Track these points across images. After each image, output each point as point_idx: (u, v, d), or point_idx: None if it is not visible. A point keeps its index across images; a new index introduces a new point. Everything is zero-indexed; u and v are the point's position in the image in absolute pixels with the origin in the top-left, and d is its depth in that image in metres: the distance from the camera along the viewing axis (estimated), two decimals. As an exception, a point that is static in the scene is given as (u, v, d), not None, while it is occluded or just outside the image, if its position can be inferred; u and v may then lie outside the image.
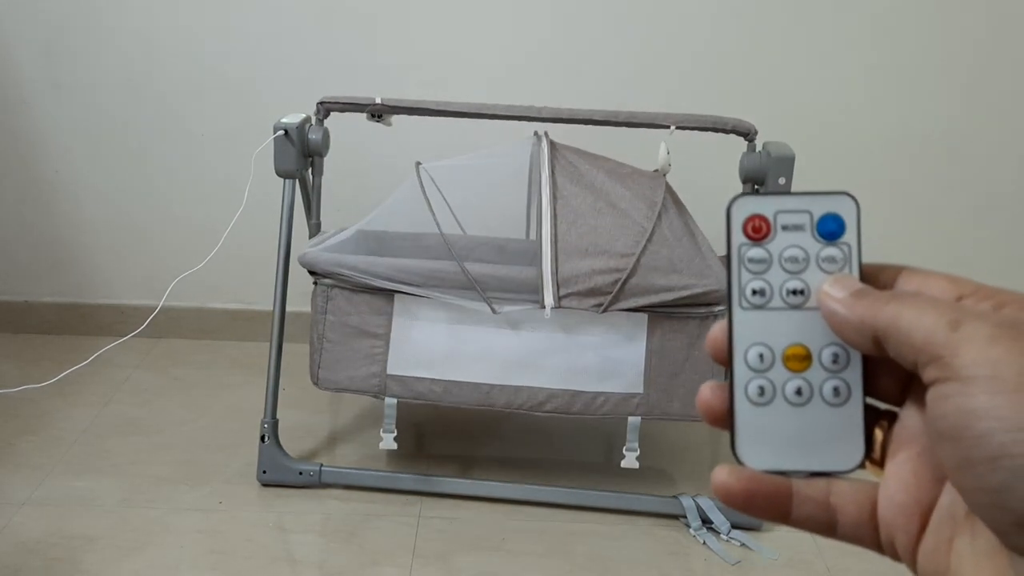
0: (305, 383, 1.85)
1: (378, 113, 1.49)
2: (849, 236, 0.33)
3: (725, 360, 0.34)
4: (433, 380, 1.41)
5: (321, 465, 1.51)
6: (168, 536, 1.39)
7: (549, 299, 1.32)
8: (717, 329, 0.34)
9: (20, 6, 1.80)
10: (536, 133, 1.49)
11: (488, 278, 1.35)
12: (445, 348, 1.40)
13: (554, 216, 1.35)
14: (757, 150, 1.48)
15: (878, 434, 0.33)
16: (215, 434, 1.66)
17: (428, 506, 1.49)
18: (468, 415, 1.67)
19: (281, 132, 1.45)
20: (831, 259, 0.33)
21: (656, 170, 1.49)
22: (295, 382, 1.82)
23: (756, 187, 1.51)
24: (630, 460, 1.44)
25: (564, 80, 1.84)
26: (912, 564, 0.31)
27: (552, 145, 1.46)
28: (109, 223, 1.97)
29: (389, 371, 1.41)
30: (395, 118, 1.53)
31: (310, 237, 1.68)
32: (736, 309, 0.34)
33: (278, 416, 1.52)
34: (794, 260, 0.33)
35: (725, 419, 0.34)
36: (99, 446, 1.61)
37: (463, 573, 1.35)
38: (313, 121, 1.51)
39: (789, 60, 1.84)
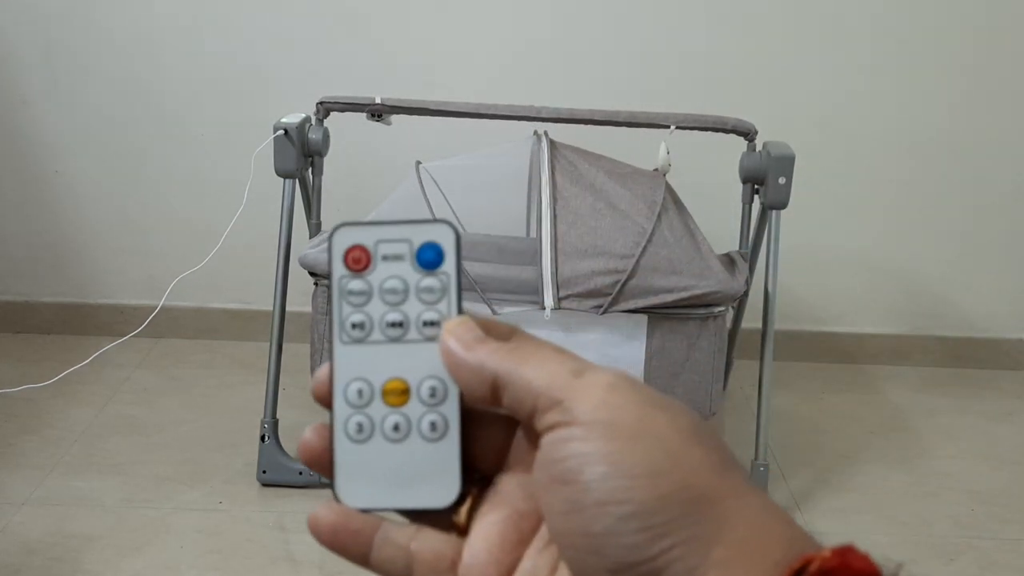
0: (305, 383, 1.84)
1: (378, 112, 1.49)
2: (448, 266, 0.33)
3: (328, 401, 0.33)
4: None
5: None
6: (168, 536, 1.38)
7: (549, 300, 1.33)
8: (322, 371, 0.33)
9: (20, 6, 1.80)
10: (536, 132, 1.49)
11: (488, 279, 1.35)
12: None
13: (554, 217, 1.34)
14: (757, 150, 1.48)
15: (468, 501, 0.33)
16: (215, 434, 1.66)
17: (428, 506, 1.48)
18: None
19: (281, 132, 1.45)
20: (430, 289, 0.33)
21: (656, 169, 1.49)
22: (295, 382, 1.81)
23: (756, 187, 1.51)
24: None
25: (564, 79, 1.84)
26: None
27: (552, 144, 1.45)
28: (109, 223, 1.97)
29: None
30: (395, 117, 1.53)
31: (310, 237, 1.68)
32: (337, 344, 0.33)
33: (278, 416, 1.51)
34: (394, 291, 0.33)
35: (324, 459, 0.33)
36: (99, 446, 1.61)
37: (463, 573, 1.35)
38: (313, 121, 1.51)
39: (789, 59, 1.84)
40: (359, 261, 0.33)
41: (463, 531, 0.32)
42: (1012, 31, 1.82)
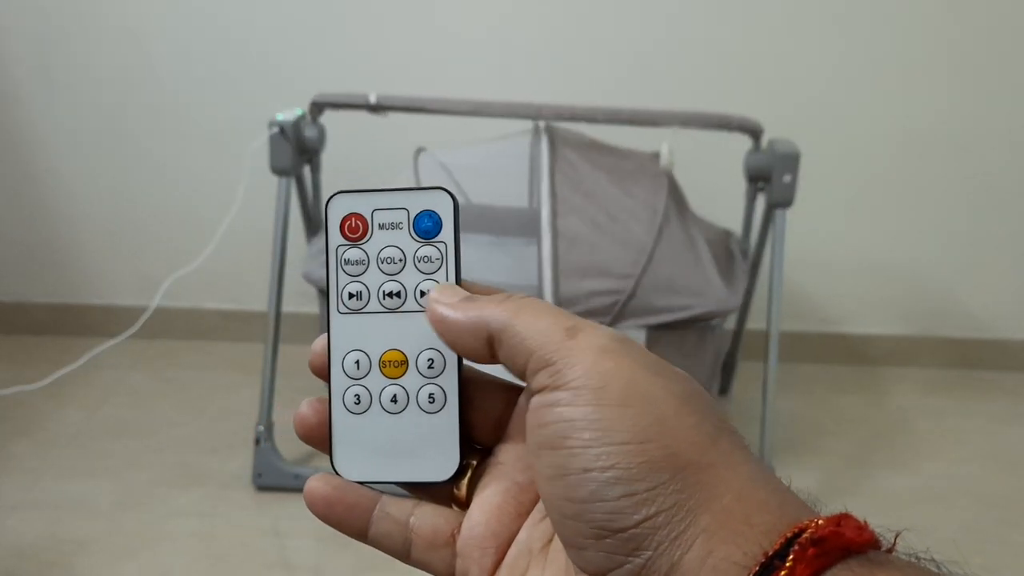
0: (301, 385, 1.82)
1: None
2: (446, 234, 0.32)
3: (325, 374, 0.33)
4: None
5: (317, 469, 1.48)
6: (162, 540, 1.37)
7: None
8: (319, 342, 0.33)
9: (12, 2, 1.78)
10: (536, 126, 1.46)
11: None
12: None
13: (554, 236, 1.35)
14: (762, 147, 1.46)
15: (468, 471, 0.32)
16: (209, 437, 1.64)
17: (427, 510, 1.46)
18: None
19: (276, 129, 1.43)
20: (427, 259, 0.32)
21: (656, 153, 1.48)
22: (291, 384, 1.79)
23: (761, 185, 1.49)
24: None
25: (566, 76, 1.82)
26: None
27: (552, 144, 1.43)
28: (102, 222, 1.95)
29: None
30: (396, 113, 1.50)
31: (307, 237, 1.65)
32: (334, 314, 0.33)
33: (273, 419, 1.50)
34: (391, 260, 0.32)
35: (321, 433, 0.33)
36: (92, 448, 1.59)
37: (462, 579, 1.32)
38: (307, 118, 1.49)
39: (795, 56, 1.82)
40: (356, 229, 0.32)
41: (463, 504, 0.32)
42: (1019, 27, 1.79)
